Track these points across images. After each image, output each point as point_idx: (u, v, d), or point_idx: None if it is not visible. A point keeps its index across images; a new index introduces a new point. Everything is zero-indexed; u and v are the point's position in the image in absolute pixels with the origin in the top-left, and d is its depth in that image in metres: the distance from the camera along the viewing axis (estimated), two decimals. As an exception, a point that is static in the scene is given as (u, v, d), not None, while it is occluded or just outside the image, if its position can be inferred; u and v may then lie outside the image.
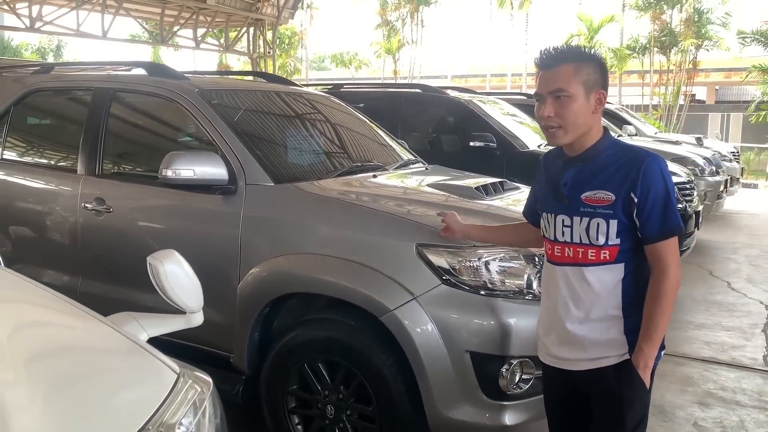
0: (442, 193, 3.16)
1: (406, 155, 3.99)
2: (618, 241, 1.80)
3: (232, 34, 18.79)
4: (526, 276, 2.53)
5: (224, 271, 2.91)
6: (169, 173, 2.84)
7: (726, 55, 25.47)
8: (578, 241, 1.84)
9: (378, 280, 2.55)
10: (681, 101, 25.33)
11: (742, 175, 11.94)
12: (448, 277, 2.49)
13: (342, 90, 6.80)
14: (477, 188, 3.17)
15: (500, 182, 3.40)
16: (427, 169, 3.82)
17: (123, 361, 1.28)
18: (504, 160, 5.65)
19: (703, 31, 24.62)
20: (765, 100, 23.17)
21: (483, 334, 2.45)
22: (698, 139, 10.71)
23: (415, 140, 5.75)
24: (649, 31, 25.42)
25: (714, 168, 8.54)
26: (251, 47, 17.98)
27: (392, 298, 2.50)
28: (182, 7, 15.20)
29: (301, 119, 3.82)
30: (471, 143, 5.62)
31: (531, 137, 6.34)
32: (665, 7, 25.03)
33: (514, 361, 2.45)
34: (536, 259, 2.54)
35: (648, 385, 1.85)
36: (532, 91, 2.22)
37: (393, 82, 24.83)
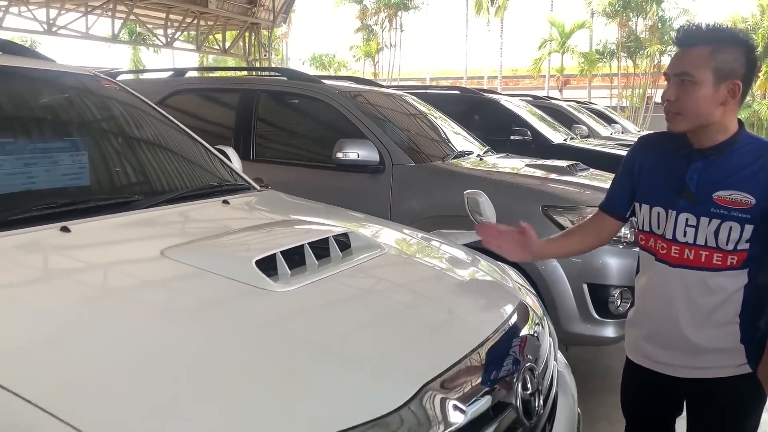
0: (543, 171, 4.04)
1: (483, 145, 4.86)
2: (747, 246, 1.64)
3: (223, 36, 19.39)
4: (622, 230, 3.43)
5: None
6: (340, 155, 3.67)
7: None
8: (703, 244, 1.67)
9: (513, 233, 3.41)
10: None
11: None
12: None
13: (384, 92, 7.60)
14: (568, 167, 4.05)
15: (575, 164, 4.30)
16: (507, 155, 4.70)
17: (473, 259, 2.12)
18: (538, 152, 6.53)
19: (666, 38, 26.24)
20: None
21: (596, 270, 3.34)
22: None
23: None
24: (617, 37, 26.95)
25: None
26: (247, 50, 18.66)
27: (526, 246, 3.36)
28: (186, 12, 15.81)
29: (412, 114, 4.67)
30: (511, 137, 6.51)
31: (552, 133, 7.29)
32: (631, 15, 26.58)
33: (618, 290, 3.35)
34: None
35: None
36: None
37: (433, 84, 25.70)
